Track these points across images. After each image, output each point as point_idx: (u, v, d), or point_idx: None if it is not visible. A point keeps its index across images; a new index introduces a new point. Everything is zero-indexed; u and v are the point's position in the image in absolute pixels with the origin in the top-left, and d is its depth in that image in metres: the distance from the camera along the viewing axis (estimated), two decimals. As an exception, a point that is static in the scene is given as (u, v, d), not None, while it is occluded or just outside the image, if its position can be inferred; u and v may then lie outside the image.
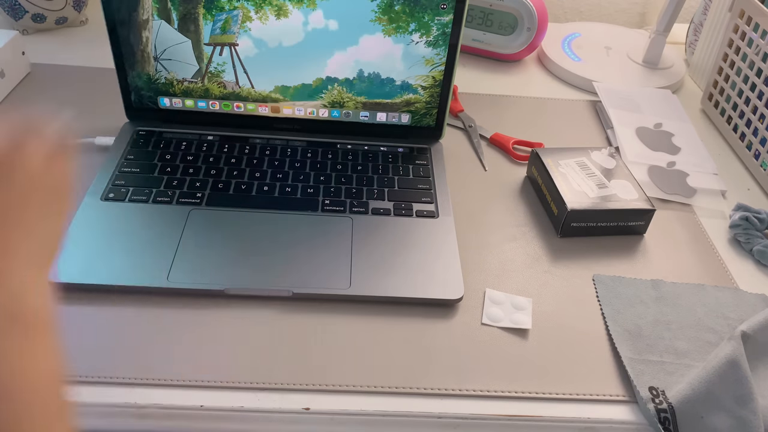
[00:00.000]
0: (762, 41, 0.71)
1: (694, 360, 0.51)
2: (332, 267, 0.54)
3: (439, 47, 0.63)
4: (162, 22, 0.62)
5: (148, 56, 0.64)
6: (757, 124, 0.73)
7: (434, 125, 0.68)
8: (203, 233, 0.56)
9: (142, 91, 0.66)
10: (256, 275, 0.53)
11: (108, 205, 0.58)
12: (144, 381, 0.47)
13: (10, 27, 0.86)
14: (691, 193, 0.69)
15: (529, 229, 0.63)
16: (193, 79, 0.65)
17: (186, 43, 0.63)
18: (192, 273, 0.53)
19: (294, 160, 0.65)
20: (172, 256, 0.54)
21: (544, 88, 0.88)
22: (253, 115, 0.67)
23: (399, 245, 0.57)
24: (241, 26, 0.61)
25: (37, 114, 0.37)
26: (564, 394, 0.49)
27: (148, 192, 0.60)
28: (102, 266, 0.52)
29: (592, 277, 0.59)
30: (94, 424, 0.45)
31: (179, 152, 0.65)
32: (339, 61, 0.64)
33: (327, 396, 0.47)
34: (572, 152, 0.68)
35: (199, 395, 0.46)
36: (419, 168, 0.66)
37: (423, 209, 0.61)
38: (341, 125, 0.68)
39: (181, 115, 0.68)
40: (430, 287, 0.54)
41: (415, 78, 0.65)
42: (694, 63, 0.93)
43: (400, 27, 0.62)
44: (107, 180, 0.61)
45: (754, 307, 0.56)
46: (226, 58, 0.63)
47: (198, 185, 0.61)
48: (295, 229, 0.58)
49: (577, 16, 1.12)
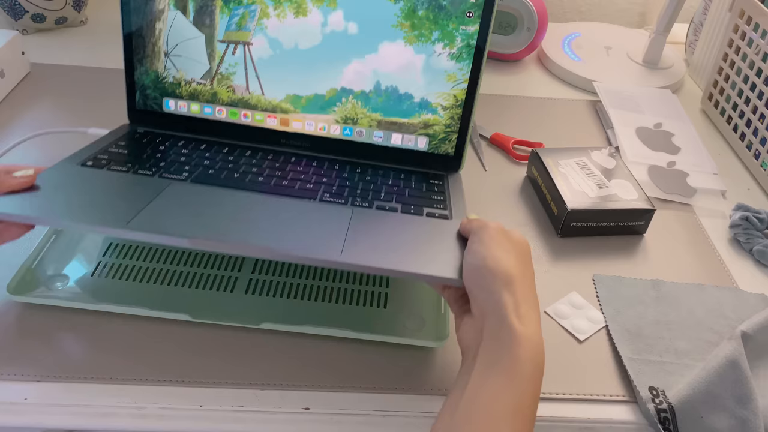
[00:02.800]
0: (762, 41, 0.71)
1: (694, 360, 0.51)
2: (323, 238, 0.47)
3: (463, 61, 0.58)
4: (178, 13, 0.59)
5: (159, 51, 0.61)
6: (757, 124, 0.73)
7: (452, 154, 0.61)
8: (181, 198, 0.50)
9: (147, 91, 0.62)
10: (230, 232, 0.46)
11: (83, 170, 0.53)
12: (144, 381, 0.47)
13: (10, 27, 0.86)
14: (691, 192, 0.69)
15: (529, 229, 0.63)
16: (202, 80, 0.62)
17: (199, 38, 0.60)
18: (155, 223, 0.46)
19: (297, 167, 0.59)
20: (140, 208, 0.48)
21: (544, 88, 0.88)
22: (261, 127, 0.62)
23: (401, 230, 0.50)
24: (257, 23, 0.59)
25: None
26: (564, 394, 0.49)
27: (130, 165, 0.54)
28: (59, 206, 0.47)
29: (592, 277, 0.58)
30: (94, 424, 0.45)
31: (174, 147, 0.60)
32: (356, 70, 0.60)
33: (327, 396, 0.47)
34: (572, 152, 0.68)
35: (199, 395, 0.46)
36: (434, 186, 0.59)
37: (434, 212, 0.54)
38: (354, 146, 0.62)
39: (184, 122, 0.63)
40: (431, 263, 0.46)
41: (435, 95, 0.60)
42: (694, 63, 0.93)
43: (422, 35, 0.58)
44: (91, 153, 0.56)
45: (754, 307, 0.56)
46: (238, 58, 0.61)
47: (187, 168, 0.56)
48: (287, 210, 0.51)
49: (577, 16, 1.12)
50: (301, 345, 0.50)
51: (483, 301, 0.41)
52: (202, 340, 0.50)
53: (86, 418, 0.45)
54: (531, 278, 0.43)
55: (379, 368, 0.49)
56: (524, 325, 0.39)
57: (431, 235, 0.50)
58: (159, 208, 0.48)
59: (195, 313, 0.51)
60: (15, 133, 0.70)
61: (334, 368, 0.49)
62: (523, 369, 0.37)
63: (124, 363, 0.48)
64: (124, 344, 0.49)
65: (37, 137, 0.65)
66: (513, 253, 0.43)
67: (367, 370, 0.49)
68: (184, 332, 0.50)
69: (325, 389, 0.47)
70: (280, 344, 0.50)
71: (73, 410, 0.45)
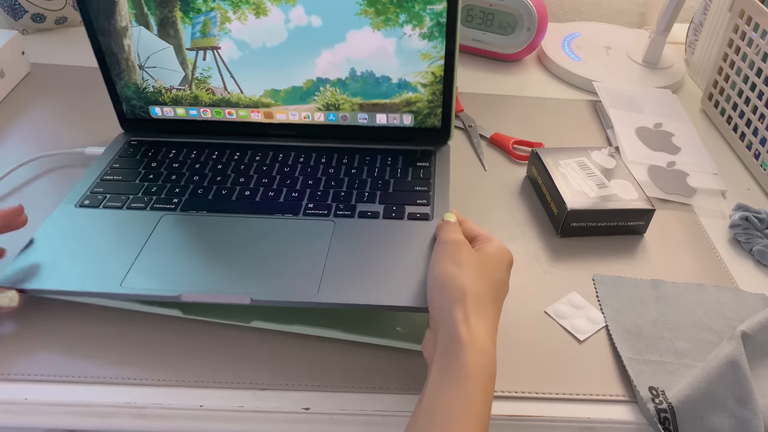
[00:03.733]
0: (762, 41, 0.71)
1: (694, 360, 0.51)
2: (301, 272, 0.50)
3: (435, 39, 0.58)
4: (141, 29, 0.60)
5: (133, 65, 0.62)
6: (757, 124, 0.73)
7: (440, 126, 0.64)
8: (170, 239, 0.54)
9: (132, 101, 0.65)
10: (215, 281, 0.49)
11: (81, 212, 0.57)
12: (144, 381, 0.47)
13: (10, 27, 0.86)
14: (691, 192, 0.69)
15: (529, 229, 0.63)
16: (180, 87, 0.63)
17: (168, 48, 0.61)
18: (147, 279, 0.50)
19: (285, 165, 0.62)
20: (132, 261, 0.51)
21: (544, 88, 0.88)
22: (247, 122, 0.65)
23: (381, 249, 0.53)
24: (220, 28, 0.59)
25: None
26: (564, 394, 0.49)
27: (124, 198, 0.58)
28: (56, 272, 0.50)
29: (592, 277, 0.59)
30: (94, 424, 0.45)
31: (166, 160, 0.63)
32: (328, 60, 0.60)
33: (327, 396, 0.47)
34: (572, 152, 0.68)
35: (199, 395, 0.46)
36: (420, 170, 0.62)
37: (416, 212, 0.56)
38: (340, 129, 0.65)
39: (174, 125, 0.66)
40: (404, 294, 0.48)
41: (413, 75, 0.61)
42: (694, 63, 0.93)
43: (389, 19, 0.58)
44: (87, 187, 0.59)
45: (754, 307, 0.56)
46: (210, 62, 0.62)
47: (177, 191, 0.59)
48: (269, 233, 0.54)
49: (577, 16, 1.12)
50: (301, 345, 0.50)
51: (436, 315, 0.43)
52: (203, 340, 0.50)
53: (86, 418, 0.45)
54: (490, 290, 0.44)
55: (379, 369, 0.49)
56: (471, 335, 0.41)
57: (409, 249, 0.53)
58: (149, 260, 0.51)
59: (187, 310, 0.51)
60: (15, 133, 0.70)
61: (334, 368, 0.49)
62: (470, 373, 0.39)
63: (124, 363, 0.48)
64: (124, 344, 0.49)
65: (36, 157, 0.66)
66: (469, 266, 0.45)
67: (366, 371, 0.49)
68: (184, 332, 0.50)
69: (325, 389, 0.47)
70: (280, 345, 0.50)
71: (73, 410, 0.45)
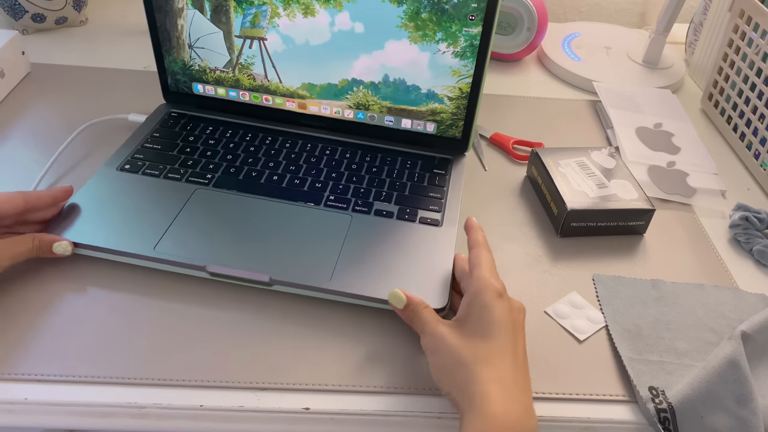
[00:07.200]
0: (762, 41, 0.71)
1: (694, 360, 0.51)
2: (317, 260, 0.54)
3: (467, 59, 0.62)
4: (196, 12, 0.65)
5: (183, 43, 0.67)
6: (757, 124, 0.73)
7: (460, 137, 0.67)
8: (201, 212, 0.58)
9: (177, 76, 0.70)
10: (240, 257, 0.54)
11: (121, 175, 0.61)
12: (144, 381, 0.47)
13: (10, 27, 0.86)
14: (691, 192, 0.69)
15: (529, 229, 0.63)
16: (224, 69, 0.68)
17: (218, 33, 0.65)
18: (179, 247, 0.54)
19: (312, 155, 0.66)
20: (165, 228, 0.56)
21: (544, 88, 0.88)
22: (281, 109, 0.69)
23: (392, 248, 0.56)
24: (269, 22, 0.63)
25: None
26: (564, 394, 0.49)
27: (162, 168, 0.62)
28: (96, 229, 0.55)
29: (592, 277, 0.59)
30: (94, 424, 0.45)
31: (203, 135, 0.67)
32: (364, 63, 0.64)
33: (327, 396, 0.47)
34: (572, 152, 0.68)
35: (199, 395, 0.46)
36: (436, 177, 0.65)
37: (428, 217, 0.59)
38: (367, 127, 0.68)
39: (214, 102, 0.71)
40: (412, 293, 0.50)
41: (441, 88, 0.64)
42: (694, 63, 0.93)
43: (426, 35, 0.61)
44: (128, 153, 0.64)
45: (754, 307, 0.56)
46: (255, 51, 0.66)
47: (211, 167, 0.63)
48: (291, 219, 0.58)
49: (577, 16, 1.12)
50: (301, 345, 0.50)
51: (451, 385, 0.44)
52: (203, 339, 0.50)
53: (86, 418, 0.45)
54: (513, 352, 0.44)
55: (379, 369, 0.49)
56: (493, 405, 0.40)
57: (417, 252, 0.56)
58: (181, 229, 0.56)
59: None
60: (15, 133, 0.70)
61: (334, 368, 0.49)
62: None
63: (124, 363, 0.48)
64: (124, 344, 0.49)
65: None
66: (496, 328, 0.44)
67: (366, 371, 0.49)
68: (184, 332, 0.50)
69: (325, 389, 0.47)
70: (280, 344, 0.50)
71: (73, 410, 0.45)
